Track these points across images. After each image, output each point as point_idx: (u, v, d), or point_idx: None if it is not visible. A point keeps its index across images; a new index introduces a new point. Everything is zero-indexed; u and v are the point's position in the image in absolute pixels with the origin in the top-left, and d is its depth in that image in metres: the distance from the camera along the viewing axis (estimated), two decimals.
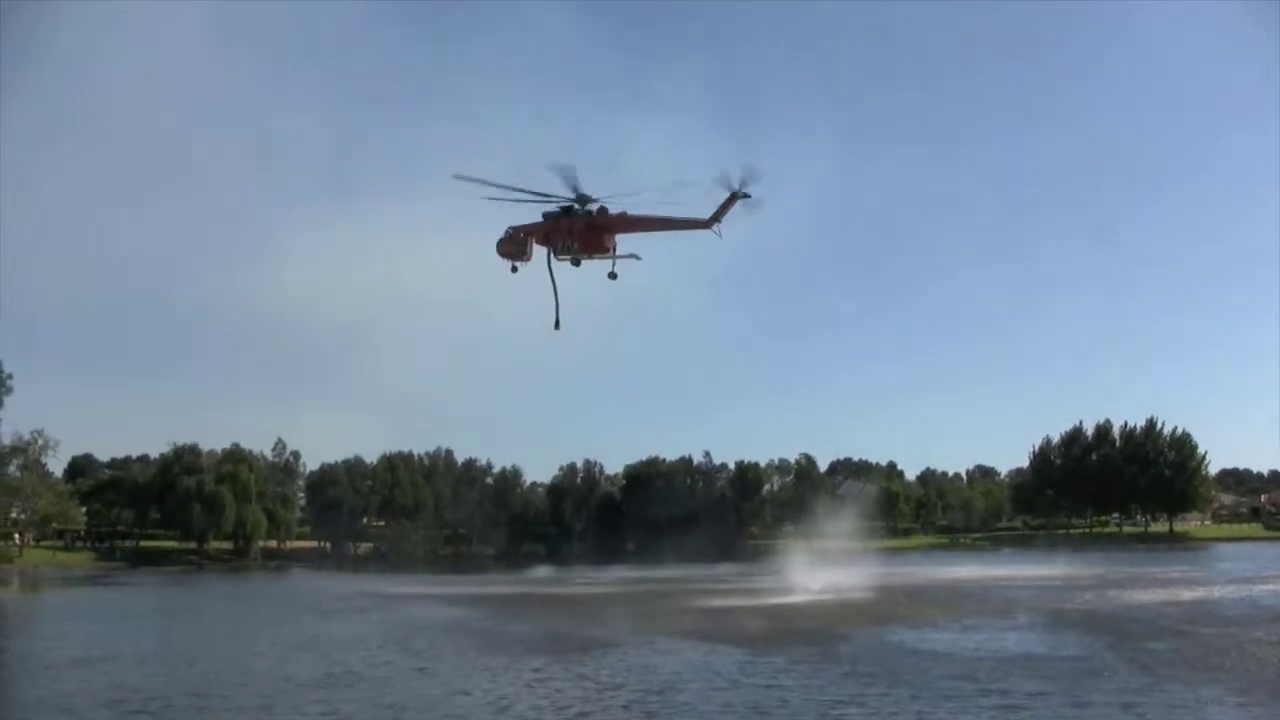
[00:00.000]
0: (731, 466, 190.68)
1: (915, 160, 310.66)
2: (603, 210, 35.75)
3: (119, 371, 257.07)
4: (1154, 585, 69.23)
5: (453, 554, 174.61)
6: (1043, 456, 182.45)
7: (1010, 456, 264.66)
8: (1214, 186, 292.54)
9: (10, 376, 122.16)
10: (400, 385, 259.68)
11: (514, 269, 36.25)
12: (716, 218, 35.27)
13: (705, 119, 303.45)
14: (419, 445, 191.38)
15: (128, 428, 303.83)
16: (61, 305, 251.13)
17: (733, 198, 34.51)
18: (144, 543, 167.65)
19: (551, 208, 35.88)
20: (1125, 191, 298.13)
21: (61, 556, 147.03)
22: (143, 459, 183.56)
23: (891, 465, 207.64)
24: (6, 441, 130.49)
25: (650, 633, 44.22)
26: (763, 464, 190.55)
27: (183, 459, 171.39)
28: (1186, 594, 60.64)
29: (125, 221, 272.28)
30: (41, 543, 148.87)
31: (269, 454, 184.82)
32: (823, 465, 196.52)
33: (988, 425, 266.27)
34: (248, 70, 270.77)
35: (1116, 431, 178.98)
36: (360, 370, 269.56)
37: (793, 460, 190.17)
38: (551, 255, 36.00)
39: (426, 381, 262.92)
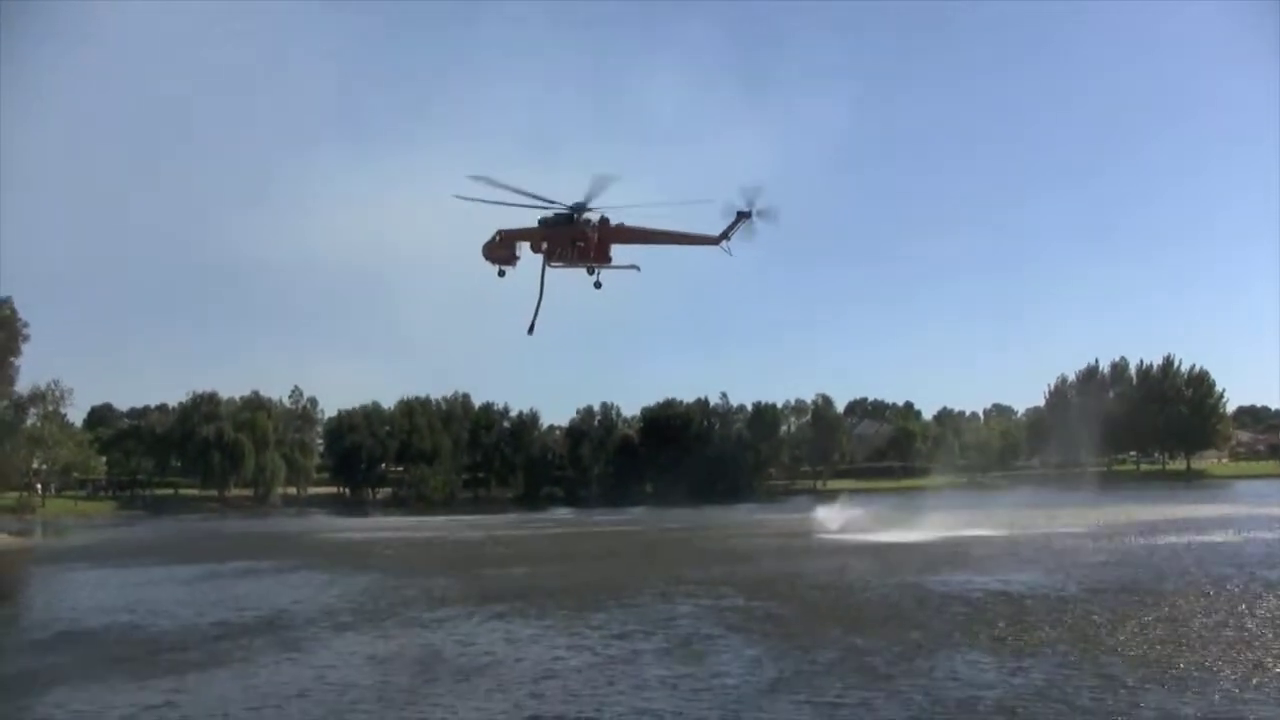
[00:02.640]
0: (748, 408, 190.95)
1: (934, 102, 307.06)
2: (604, 221, 35.18)
3: (137, 321, 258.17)
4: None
5: (472, 498, 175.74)
6: (1059, 395, 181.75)
7: (1027, 395, 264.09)
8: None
9: (26, 325, 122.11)
10: (417, 331, 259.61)
11: (501, 274, 35.70)
12: (726, 235, 34.90)
13: (722, 65, 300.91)
14: (436, 390, 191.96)
15: (146, 377, 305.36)
16: (78, 255, 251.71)
17: (742, 216, 34.15)
18: (164, 491, 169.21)
19: (548, 214, 35.24)
20: (1145, 126, 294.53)
21: (83, 506, 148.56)
22: (161, 408, 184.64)
23: (908, 405, 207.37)
24: (24, 391, 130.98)
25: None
26: (780, 405, 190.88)
27: (201, 407, 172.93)
28: None
29: (141, 171, 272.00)
30: (63, 493, 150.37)
31: (287, 401, 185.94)
32: (840, 405, 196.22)
33: (1004, 364, 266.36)
34: (262, 17, 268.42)
35: (1133, 369, 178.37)
36: (377, 317, 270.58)
37: (810, 401, 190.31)
38: (546, 263, 35.43)
39: (443, 327, 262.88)
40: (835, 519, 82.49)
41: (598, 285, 36.85)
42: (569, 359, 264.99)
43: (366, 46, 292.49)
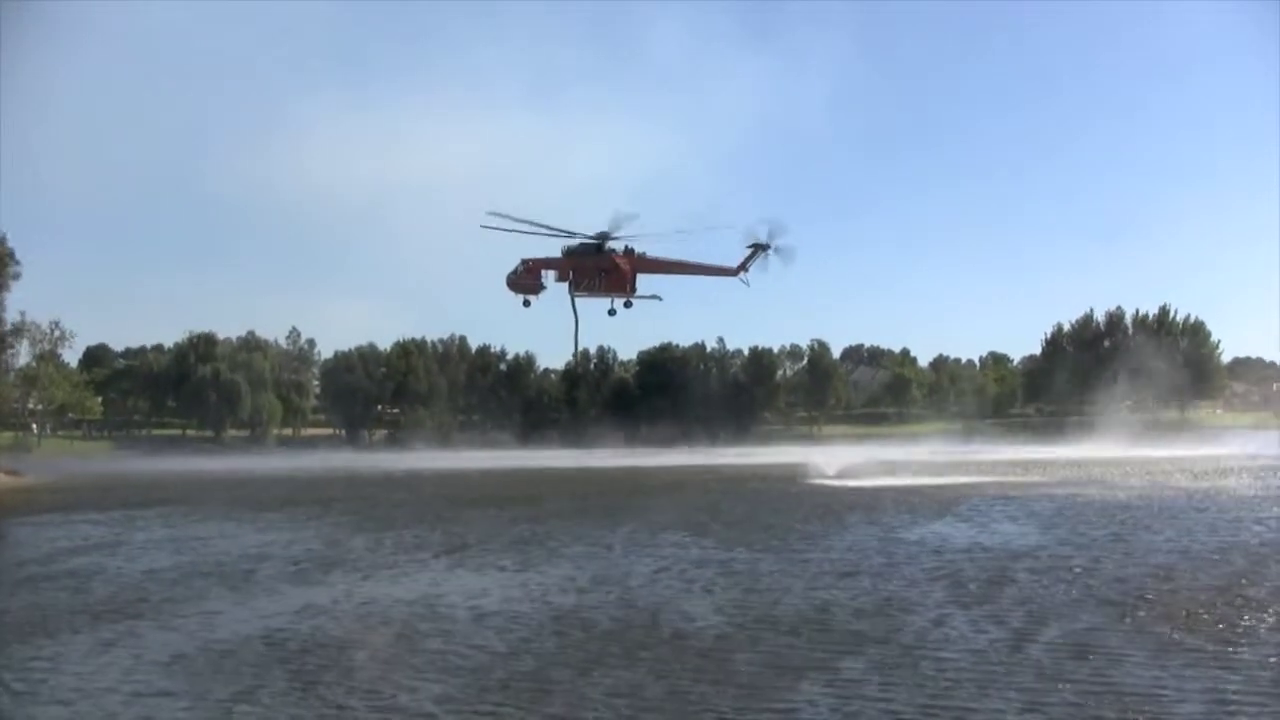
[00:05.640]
0: (745, 352, 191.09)
1: (934, 48, 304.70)
2: (629, 251, 35.00)
3: (133, 260, 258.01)
4: None
5: (467, 439, 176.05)
6: (1055, 343, 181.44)
7: (1023, 343, 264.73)
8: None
9: (18, 263, 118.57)
10: (415, 274, 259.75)
11: (526, 303, 35.56)
12: (743, 266, 34.85)
13: (724, 8, 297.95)
14: (433, 332, 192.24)
15: (143, 317, 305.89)
16: (76, 194, 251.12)
17: (758, 249, 34.01)
18: (160, 431, 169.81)
19: (573, 243, 34.97)
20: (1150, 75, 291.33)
21: (79, 446, 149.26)
22: (158, 348, 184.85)
23: (905, 351, 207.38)
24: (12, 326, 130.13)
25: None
26: (776, 350, 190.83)
27: (198, 347, 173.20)
28: None
29: (140, 109, 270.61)
30: (59, 433, 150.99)
31: (284, 342, 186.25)
32: (836, 351, 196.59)
33: (1002, 312, 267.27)
34: None
35: (1129, 319, 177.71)
36: (375, 259, 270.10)
37: (806, 346, 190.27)
38: (572, 292, 35.35)
39: (441, 270, 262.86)
40: (831, 464, 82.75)
41: (612, 313, 36.89)
42: (566, 302, 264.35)
43: None
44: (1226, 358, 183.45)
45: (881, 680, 18.88)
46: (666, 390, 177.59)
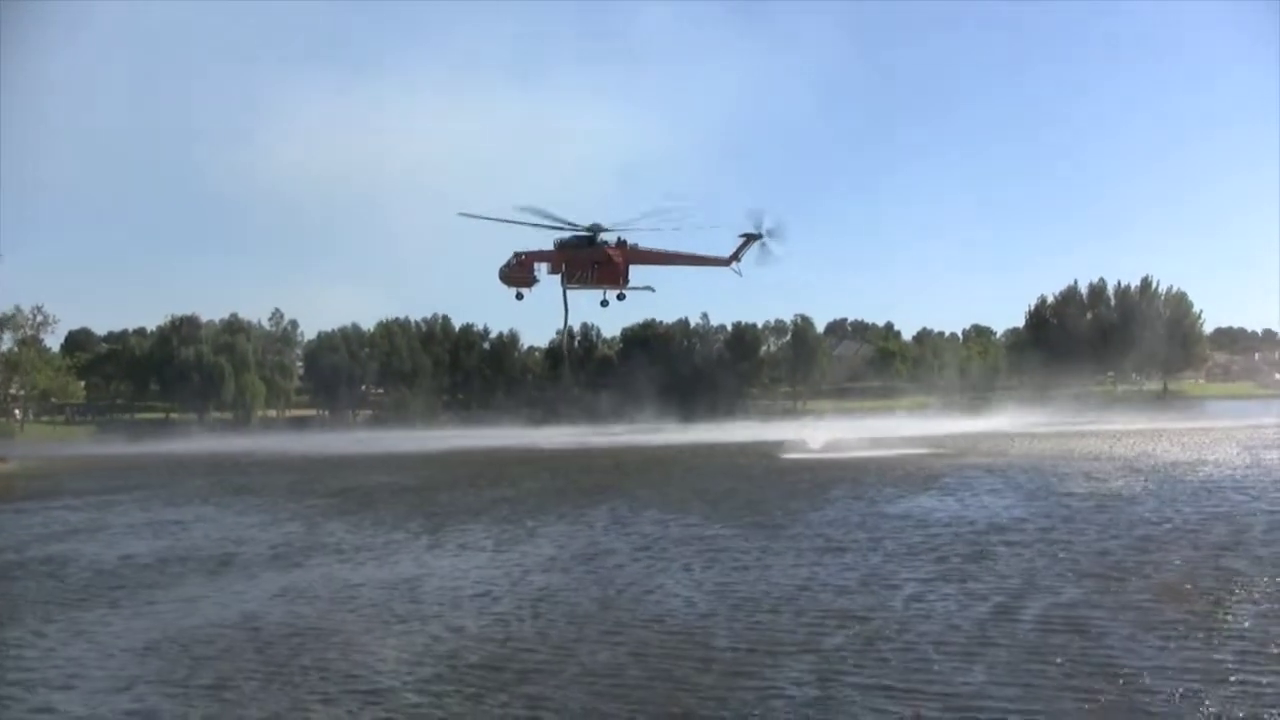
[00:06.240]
0: (729, 328, 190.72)
1: (918, 29, 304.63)
2: (622, 243, 34.75)
3: (116, 245, 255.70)
4: None
5: (451, 419, 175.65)
6: (1038, 316, 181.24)
7: (1006, 317, 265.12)
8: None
9: None
10: (397, 254, 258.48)
11: (519, 296, 35.25)
12: (736, 256, 34.68)
13: None
14: (416, 312, 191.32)
15: (125, 301, 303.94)
16: (59, 180, 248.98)
17: (751, 239, 33.80)
18: (143, 415, 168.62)
19: (565, 235, 34.64)
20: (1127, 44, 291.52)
21: (62, 431, 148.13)
22: (140, 331, 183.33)
23: (889, 325, 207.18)
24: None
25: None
26: (759, 325, 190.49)
27: (181, 330, 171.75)
28: None
29: (122, 94, 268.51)
30: (42, 418, 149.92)
31: (267, 323, 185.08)
32: (820, 326, 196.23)
33: (986, 285, 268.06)
34: None
35: (1111, 290, 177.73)
36: (358, 243, 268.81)
37: (789, 321, 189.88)
38: (565, 285, 35.14)
39: (424, 249, 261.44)
40: (817, 438, 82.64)
41: (605, 304, 36.57)
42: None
43: None
44: (1208, 328, 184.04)
45: (864, 658, 18.76)
46: (650, 366, 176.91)
